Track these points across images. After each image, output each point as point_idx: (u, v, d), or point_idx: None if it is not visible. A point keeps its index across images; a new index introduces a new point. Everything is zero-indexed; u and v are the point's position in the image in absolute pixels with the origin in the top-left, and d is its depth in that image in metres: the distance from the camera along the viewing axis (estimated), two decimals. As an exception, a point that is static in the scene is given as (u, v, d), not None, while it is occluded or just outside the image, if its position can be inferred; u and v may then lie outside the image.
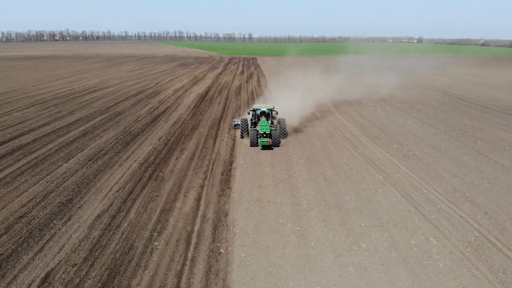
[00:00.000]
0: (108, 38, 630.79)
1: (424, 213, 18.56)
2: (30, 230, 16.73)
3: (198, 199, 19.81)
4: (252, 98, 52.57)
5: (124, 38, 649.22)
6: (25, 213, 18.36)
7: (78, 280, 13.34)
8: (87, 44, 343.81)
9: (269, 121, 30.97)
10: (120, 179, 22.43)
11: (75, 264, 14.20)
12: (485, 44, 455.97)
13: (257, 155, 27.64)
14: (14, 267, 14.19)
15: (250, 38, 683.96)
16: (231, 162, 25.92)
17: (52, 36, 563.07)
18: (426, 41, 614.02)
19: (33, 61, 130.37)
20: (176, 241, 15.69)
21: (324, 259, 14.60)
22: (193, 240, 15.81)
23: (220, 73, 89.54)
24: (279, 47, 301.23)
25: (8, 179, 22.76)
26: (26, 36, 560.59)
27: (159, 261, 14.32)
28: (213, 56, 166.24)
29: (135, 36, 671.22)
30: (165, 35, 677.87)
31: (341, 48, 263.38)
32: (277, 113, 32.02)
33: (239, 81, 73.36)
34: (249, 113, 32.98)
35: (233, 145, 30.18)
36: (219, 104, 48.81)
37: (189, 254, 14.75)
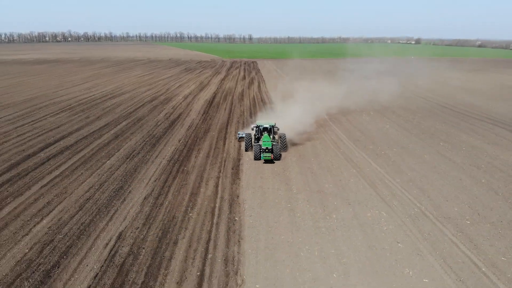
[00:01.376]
0: (109, 39, 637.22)
1: (382, 196, 25.38)
2: (98, 208, 23.52)
3: (216, 186, 26.66)
4: (254, 105, 59.38)
5: (126, 39, 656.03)
6: (90, 196, 25.16)
7: (142, 236, 20.15)
8: (90, 46, 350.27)
9: (271, 137, 34.31)
10: (154, 172, 29.26)
11: (137, 228, 21.01)
12: (482, 45, 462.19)
13: (259, 154, 34.47)
14: (95, 229, 20.97)
15: (250, 39, 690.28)
16: (239, 160, 32.75)
17: (54, 37, 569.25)
18: (424, 42, 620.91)
19: (43, 65, 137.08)
20: (204, 213, 22.54)
21: (306, 224, 21.42)
22: (216, 212, 22.66)
23: (223, 79, 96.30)
24: (278, 49, 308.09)
25: (67, 172, 29.57)
26: (29, 37, 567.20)
27: (195, 225, 21.15)
28: (215, 60, 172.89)
29: (137, 37, 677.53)
30: (166, 36, 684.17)
31: (340, 50, 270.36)
32: (278, 129, 35.47)
33: (241, 87, 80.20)
34: (253, 129, 36.00)
35: (240, 146, 36.99)
36: (225, 110, 55.64)
37: (214, 220, 21.60)
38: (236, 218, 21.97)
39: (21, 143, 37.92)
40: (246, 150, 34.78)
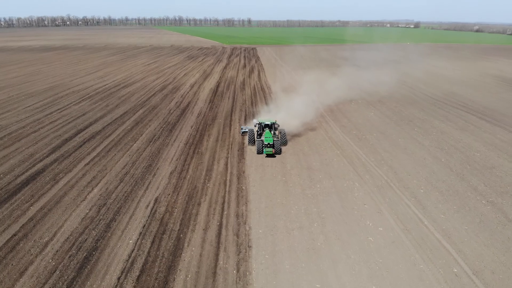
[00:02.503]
0: (108, 23, 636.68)
1: (357, 171, 32.01)
2: (135, 180, 30.11)
3: (226, 164, 33.26)
4: (254, 94, 65.61)
5: (125, 23, 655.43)
6: (127, 172, 31.74)
7: (173, 200, 26.79)
8: (91, 31, 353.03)
9: (272, 132, 37.57)
10: (175, 153, 35.82)
11: (169, 194, 27.65)
12: (479, 30, 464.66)
13: (260, 138, 41.00)
14: (137, 196, 27.58)
15: (249, 22, 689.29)
16: (243, 143, 39.27)
17: (53, 22, 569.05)
18: (423, 26, 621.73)
19: (51, 52, 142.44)
20: (219, 184, 29.18)
21: (296, 191, 28.08)
22: (227, 183, 29.31)
23: (225, 67, 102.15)
24: (277, 34, 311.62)
25: (103, 153, 36.11)
26: (28, 22, 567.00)
27: (212, 192, 27.81)
28: (216, 47, 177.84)
29: (136, 21, 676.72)
30: (165, 19, 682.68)
31: (338, 36, 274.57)
32: (278, 125, 38.62)
33: (242, 76, 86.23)
34: (255, 126, 38.90)
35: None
36: (228, 98, 61.92)
37: (227, 189, 28.25)
38: (243, 187, 28.62)
39: (55, 129, 44.35)
40: (249, 144, 38.03)
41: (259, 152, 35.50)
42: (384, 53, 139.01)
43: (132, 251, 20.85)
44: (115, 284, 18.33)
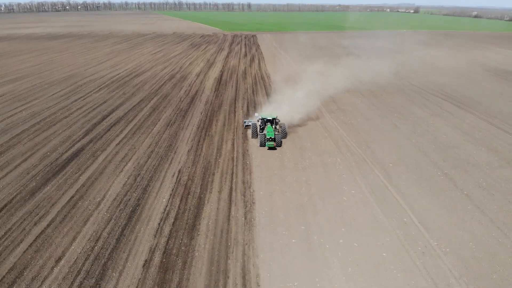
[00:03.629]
0: (108, 8, 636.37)
1: (341, 150, 39.03)
2: (161, 156, 37.13)
3: (233, 144, 40.27)
4: (255, 83, 72.21)
5: (125, 7, 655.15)
6: (152, 150, 38.74)
7: (193, 171, 33.84)
8: (92, 17, 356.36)
9: (273, 127, 41.08)
10: (189, 136, 42.80)
11: (189, 167, 34.70)
12: (477, 16, 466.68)
13: (261, 123, 47.89)
14: (163, 168, 34.59)
15: (249, 6, 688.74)
16: (246, 129, 46.22)
17: (54, 7, 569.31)
18: (422, 11, 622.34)
19: (58, 41, 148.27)
20: (228, 159, 36.25)
21: (290, 165, 35.15)
22: (234, 159, 36.36)
23: (227, 56, 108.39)
24: (277, 20, 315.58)
25: (129, 135, 43.06)
26: (28, 7, 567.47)
27: (223, 165, 34.88)
28: (217, 34, 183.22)
29: (136, 5, 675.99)
30: (164, 4, 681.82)
31: (336, 22, 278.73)
32: (279, 120, 42.49)
33: (244, 65, 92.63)
34: (258, 121, 42.45)
35: (248, 118, 50.34)
36: (232, 87, 68.60)
37: (234, 163, 35.32)
38: (247, 162, 35.69)
39: (83, 115, 51.24)
40: (253, 137, 41.53)
41: (262, 145, 39.10)
42: (381, 42, 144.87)
43: (166, 206, 27.99)
44: (157, 228, 25.47)
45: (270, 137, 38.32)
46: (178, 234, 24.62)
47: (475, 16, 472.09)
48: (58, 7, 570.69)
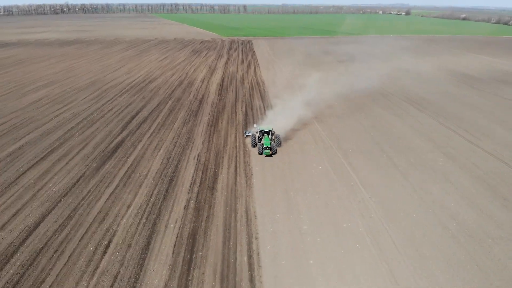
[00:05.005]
0: (106, 10, 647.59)
1: (315, 140, 52.65)
2: (183, 145, 50.61)
3: (235, 137, 53.85)
4: (252, 88, 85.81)
5: (122, 10, 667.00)
6: (176, 142, 52.19)
7: (208, 155, 47.34)
8: (93, 21, 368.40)
9: (270, 137, 48.82)
10: (202, 131, 56.32)
11: (204, 152, 48.19)
12: (466, 18, 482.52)
13: (259, 122, 61.57)
14: (186, 153, 47.99)
15: (245, 9, 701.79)
16: (246, 125, 59.76)
17: (53, 10, 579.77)
18: (414, 13, 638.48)
19: (69, 47, 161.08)
20: (232, 147, 49.80)
21: (278, 151, 48.80)
22: (237, 147, 49.91)
23: (226, 62, 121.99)
24: (272, 24, 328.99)
25: (156, 131, 56.47)
26: (27, 9, 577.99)
27: (229, 151, 48.43)
28: (216, 40, 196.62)
29: (133, 7, 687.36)
30: (161, 6, 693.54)
31: (328, 26, 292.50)
32: (274, 132, 50.40)
33: (241, 71, 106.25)
34: (256, 132, 50.52)
35: (246, 117, 63.92)
36: (232, 91, 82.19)
37: (237, 150, 48.89)
38: (247, 149, 49.32)
39: (115, 115, 64.59)
40: (252, 146, 49.74)
41: (260, 153, 46.92)
42: (365, 47, 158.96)
43: (193, 177, 41.49)
44: (189, 188, 38.90)
45: (267, 146, 46.43)
46: (203, 191, 38.19)
47: (464, 19, 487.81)
48: (57, 10, 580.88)
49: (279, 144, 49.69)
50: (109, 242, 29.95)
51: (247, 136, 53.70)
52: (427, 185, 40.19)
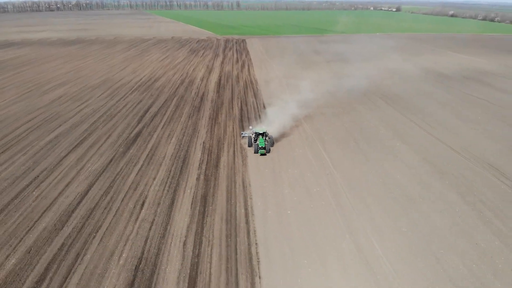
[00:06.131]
0: (101, 6, 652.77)
1: (300, 133, 64.01)
2: (190, 135, 61.75)
3: (233, 128, 65.07)
4: (246, 86, 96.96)
5: (117, 7, 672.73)
6: (184, 132, 63.31)
7: (211, 142, 58.58)
8: (90, 18, 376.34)
9: (264, 138, 55.22)
10: (205, 123, 67.46)
11: (208, 140, 59.41)
12: (454, 15, 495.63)
13: (252, 114, 72.86)
14: (193, 141, 59.18)
15: (238, 5, 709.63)
16: (241, 117, 70.92)
17: (48, 7, 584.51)
18: (404, 9, 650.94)
19: (73, 47, 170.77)
20: (230, 136, 61.04)
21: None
22: (235, 136, 61.17)
23: (222, 62, 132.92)
24: (264, 22, 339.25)
25: (166, 124, 67.52)
26: (22, 6, 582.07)
27: (228, 139, 59.67)
28: (211, 38, 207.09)
29: (127, 3, 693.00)
30: (155, 3, 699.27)
31: (320, 23, 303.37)
32: (268, 133, 56.66)
33: (236, 70, 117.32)
34: (252, 134, 56.52)
35: (241, 112, 75.12)
36: (229, 89, 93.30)
37: (234, 137, 60.14)
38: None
39: (129, 110, 75.48)
40: (249, 146, 56.16)
41: (255, 152, 53.56)
42: (353, 47, 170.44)
43: (200, 158, 52.71)
44: (198, 166, 50.07)
45: (262, 146, 53.16)
46: (210, 168, 49.48)
47: (452, 15, 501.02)
48: (52, 7, 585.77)
49: (272, 144, 56.82)
50: (143, 202, 41.21)
51: (243, 137, 60.41)
52: (382, 163, 51.80)
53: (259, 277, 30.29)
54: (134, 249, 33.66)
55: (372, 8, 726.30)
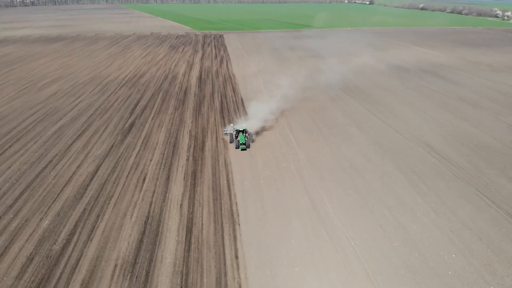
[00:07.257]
0: (76, 0, 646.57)
1: (279, 126, 74.81)
2: (177, 124, 71.63)
3: (215, 119, 75.27)
4: (225, 81, 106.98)
5: (92, 0, 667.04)
6: (173, 121, 73.11)
7: (196, 130, 68.68)
8: (67, 13, 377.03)
9: (244, 135, 59.47)
10: (190, 114, 77.39)
11: (194, 128, 69.46)
12: (424, 8, 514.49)
13: (233, 106, 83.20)
14: (181, 130, 69.14)
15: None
16: (222, 109, 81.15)
17: (22, 1, 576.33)
18: (377, 3, 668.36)
19: (56, 44, 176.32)
20: (213, 125, 71.26)
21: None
22: (217, 125, 71.48)
23: (202, 57, 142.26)
24: (241, 16, 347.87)
25: (156, 115, 77.12)
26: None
27: (211, 128, 69.92)
28: (190, 34, 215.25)
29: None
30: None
31: (295, 18, 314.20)
32: (247, 130, 61.49)
33: (215, 66, 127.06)
34: (233, 131, 60.64)
35: (222, 105, 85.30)
36: (209, 84, 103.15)
37: (216, 126, 70.49)
38: (224, 126, 71.04)
39: (121, 104, 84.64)
40: (230, 142, 60.97)
41: (237, 147, 58.72)
42: (324, 42, 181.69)
43: (188, 143, 62.77)
44: (187, 150, 60.17)
45: (242, 142, 58.48)
46: (197, 151, 59.72)
47: (422, 8, 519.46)
48: (27, 1, 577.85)
49: (251, 140, 62.53)
50: (145, 178, 51.24)
51: (225, 134, 65.09)
52: (339, 145, 63.17)
53: (239, 225, 41.03)
54: (141, 210, 43.81)
55: (346, 1, 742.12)
